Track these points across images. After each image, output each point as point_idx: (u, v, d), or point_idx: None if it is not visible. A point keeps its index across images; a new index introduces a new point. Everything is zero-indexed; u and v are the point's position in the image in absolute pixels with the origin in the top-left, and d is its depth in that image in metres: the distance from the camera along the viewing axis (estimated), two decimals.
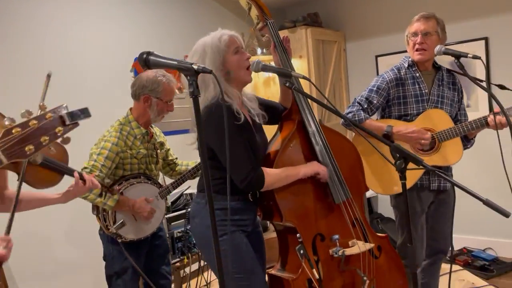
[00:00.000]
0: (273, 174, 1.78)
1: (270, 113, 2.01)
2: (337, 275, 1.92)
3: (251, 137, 1.80)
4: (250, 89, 1.98)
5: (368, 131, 1.64)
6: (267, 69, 1.76)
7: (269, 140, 2.00)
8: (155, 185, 2.45)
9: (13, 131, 0.93)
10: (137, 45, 3.50)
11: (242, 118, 1.75)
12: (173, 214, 2.87)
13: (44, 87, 1.27)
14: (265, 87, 4.34)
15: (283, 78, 1.83)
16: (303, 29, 4.30)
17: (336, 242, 1.89)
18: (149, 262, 2.47)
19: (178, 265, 2.85)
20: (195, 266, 2.97)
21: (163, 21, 3.82)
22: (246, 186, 1.72)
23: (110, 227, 2.26)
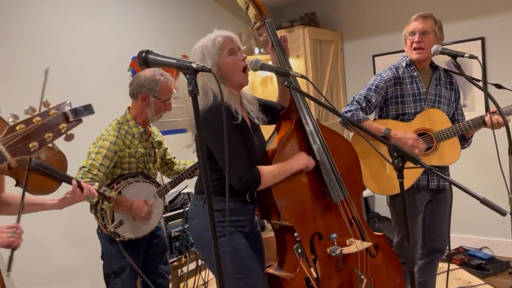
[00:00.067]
0: (268, 172, 1.77)
1: (268, 112, 2.01)
2: (334, 274, 1.93)
3: (248, 138, 1.79)
4: (247, 88, 1.97)
5: (366, 130, 1.64)
6: (265, 68, 1.76)
7: (266, 139, 2.00)
8: (153, 184, 2.45)
9: (17, 127, 0.93)
10: (135, 44, 3.50)
11: (240, 118, 1.74)
12: (171, 213, 2.87)
13: (43, 83, 1.27)
14: (262, 87, 4.35)
15: (281, 77, 1.83)
16: (300, 28, 4.31)
17: (334, 241, 1.89)
18: (147, 261, 2.47)
19: (175, 264, 2.85)
20: (192, 265, 2.98)
21: (160, 21, 3.81)
22: (242, 186, 1.72)
23: (108, 226, 2.26)
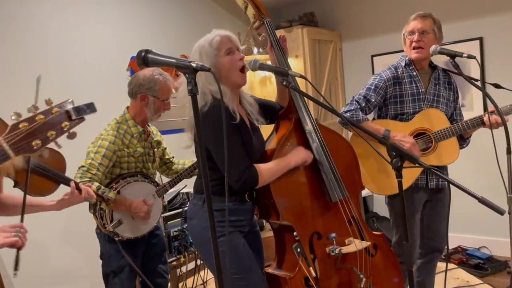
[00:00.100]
0: (266, 169, 1.77)
1: (267, 112, 2.01)
2: (333, 273, 1.93)
3: (247, 137, 1.79)
4: (246, 87, 1.97)
5: (365, 130, 1.64)
6: (264, 67, 1.76)
7: (265, 139, 2.00)
8: (152, 183, 2.45)
9: (20, 125, 0.93)
10: (133, 44, 3.50)
11: (238, 118, 1.74)
12: (170, 213, 2.86)
13: (36, 90, 1.28)
14: (261, 87, 4.35)
15: (280, 77, 1.83)
16: (299, 28, 4.31)
17: (333, 240, 1.90)
18: (146, 260, 2.47)
19: (174, 264, 2.85)
20: (191, 265, 2.98)
21: (158, 21, 3.81)
22: (240, 185, 1.72)
23: (107, 226, 2.25)
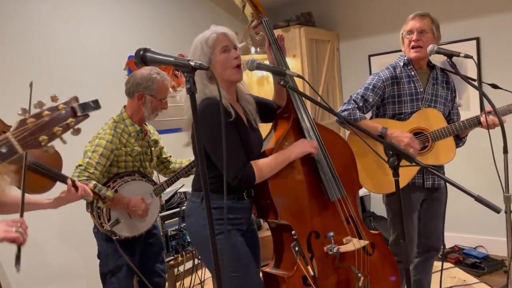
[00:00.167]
0: (264, 165, 1.77)
1: (264, 110, 2.01)
2: (331, 272, 1.93)
3: (244, 133, 1.79)
4: (245, 88, 1.97)
5: (362, 129, 1.65)
6: (261, 67, 1.75)
7: (263, 138, 2.00)
8: (150, 182, 2.44)
9: (27, 121, 0.95)
10: (131, 43, 3.49)
11: (233, 114, 1.73)
12: (167, 213, 2.86)
13: (29, 95, 1.31)
14: (258, 86, 4.35)
15: (277, 77, 1.83)
16: (296, 28, 4.31)
17: (331, 239, 1.90)
18: (143, 260, 2.47)
19: (172, 263, 2.85)
20: (189, 264, 2.97)
21: (156, 20, 3.81)
22: (237, 183, 1.72)
23: (104, 225, 2.25)
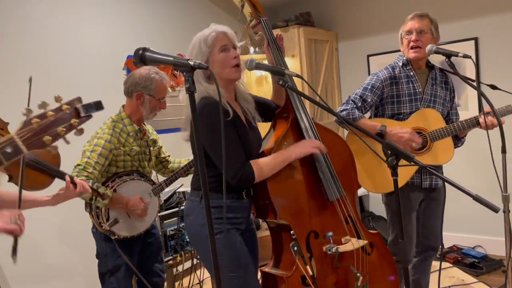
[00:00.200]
0: (264, 164, 1.76)
1: (263, 109, 2.01)
2: (330, 271, 1.93)
3: (242, 132, 1.79)
4: (244, 87, 1.97)
5: (361, 129, 1.65)
6: (260, 67, 1.75)
7: (262, 138, 2.00)
8: (148, 182, 2.44)
9: (32, 121, 0.96)
10: (130, 43, 3.50)
11: (231, 113, 1.73)
12: (166, 212, 2.86)
13: (28, 90, 1.32)
14: (257, 86, 4.35)
15: (276, 76, 1.83)
16: (295, 28, 4.31)
17: (330, 239, 1.90)
18: (142, 260, 2.46)
19: (171, 263, 2.85)
20: (188, 264, 2.97)
21: (155, 20, 3.81)
22: (237, 182, 1.72)
23: (103, 224, 2.25)
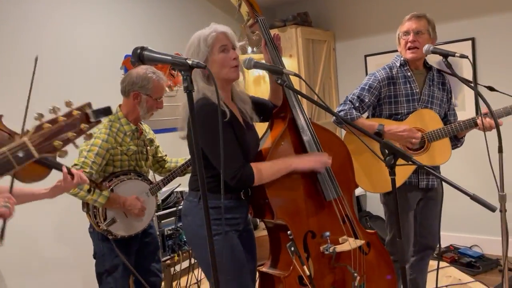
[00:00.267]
0: (263, 168, 1.76)
1: (260, 109, 2.01)
2: (328, 271, 1.93)
3: (240, 134, 1.78)
4: (241, 87, 1.96)
5: (359, 129, 1.65)
6: (258, 66, 1.76)
7: (260, 137, 2.00)
8: (146, 181, 2.44)
9: (43, 126, 0.98)
10: (127, 43, 3.49)
11: (228, 114, 1.73)
12: (164, 212, 2.85)
13: (33, 71, 1.32)
14: (255, 86, 4.35)
15: (274, 75, 1.83)
16: (293, 28, 4.32)
17: (327, 239, 1.90)
18: (139, 259, 2.46)
19: (168, 262, 2.84)
20: (185, 264, 2.97)
21: (152, 20, 3.81)
22: (236, 183, 1.71)
23: (100, 224, 2.24)
